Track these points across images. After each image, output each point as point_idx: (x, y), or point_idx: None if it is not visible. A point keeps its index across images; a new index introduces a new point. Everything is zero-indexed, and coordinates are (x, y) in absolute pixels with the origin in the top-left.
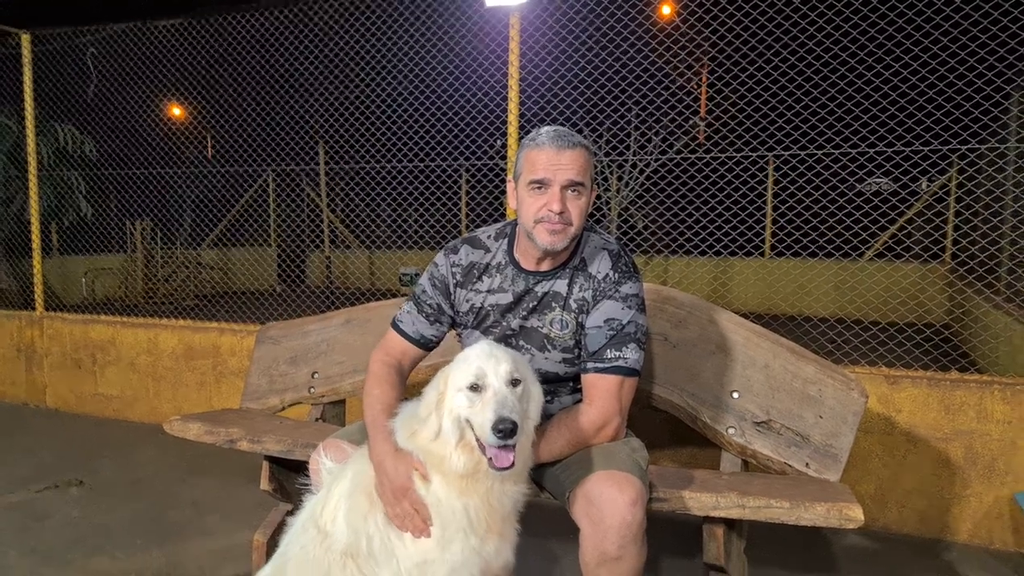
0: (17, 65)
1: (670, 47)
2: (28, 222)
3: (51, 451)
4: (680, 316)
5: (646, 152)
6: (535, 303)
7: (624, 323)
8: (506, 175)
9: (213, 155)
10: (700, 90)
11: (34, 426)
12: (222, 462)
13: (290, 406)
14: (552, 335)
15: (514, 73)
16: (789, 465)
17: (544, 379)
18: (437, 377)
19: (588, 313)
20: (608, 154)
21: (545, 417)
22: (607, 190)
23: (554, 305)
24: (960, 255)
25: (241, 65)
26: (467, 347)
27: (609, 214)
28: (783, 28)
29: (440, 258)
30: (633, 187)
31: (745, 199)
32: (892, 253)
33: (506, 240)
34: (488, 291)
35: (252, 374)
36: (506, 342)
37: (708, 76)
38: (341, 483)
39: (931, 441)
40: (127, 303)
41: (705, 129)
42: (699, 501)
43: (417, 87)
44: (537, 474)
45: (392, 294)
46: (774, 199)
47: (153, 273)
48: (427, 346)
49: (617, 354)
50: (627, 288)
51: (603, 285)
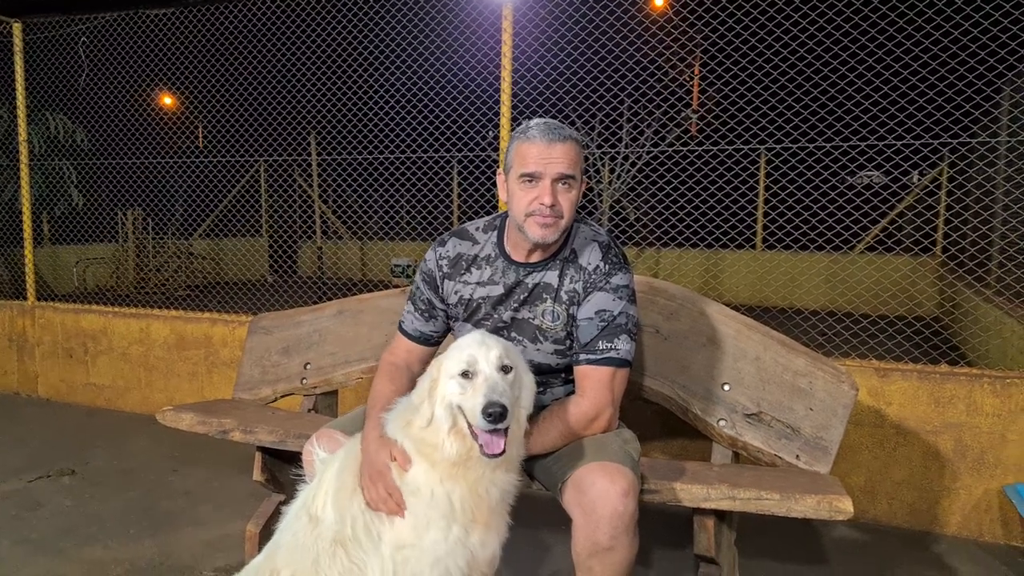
0: (8, 54)
1: (662, 39)
2: (19, 212)
3: (43, 441)
4: (671, 308)
5: (638, 144)
6: (526, 295)
7: (615, 314)
8: (499, 167)
9: (204, 145)
10: (692, 83)
11: (26, 416)
12: (214, 452)
13: (282, 397)
14: (544, 326)
15: (507, 64)
16: (779, 457)
17: (537, 370)
18: (431, 366)
19: (579, 305)
20: (600, 146)
21: (538, 408)
22: (599, 182)
23: (545, 296)
24: (951, 248)
25: (232, 55)
26: (458, 337)
27: (601, 206)
28: (775, 21)
29: (428, 253)
30: (625, 179)
31: (737, 192)
32: (883, 246)
33: (495, 232)
34: (478, 283)
35: (244, 364)
36: (498, 334)
37: (700, 69)
38: (332, 468)
39: (921, 434)
40: (118, 293)
41: (697, 122)
42: (690, 493)
43: (410, 78)
44: (529, 465)
45: (384, 285)
46: (766, 192)
47: (144, 263)
48: (428, 342)
49: (609, 345)
50: (617, 279)
51: (594, 277)
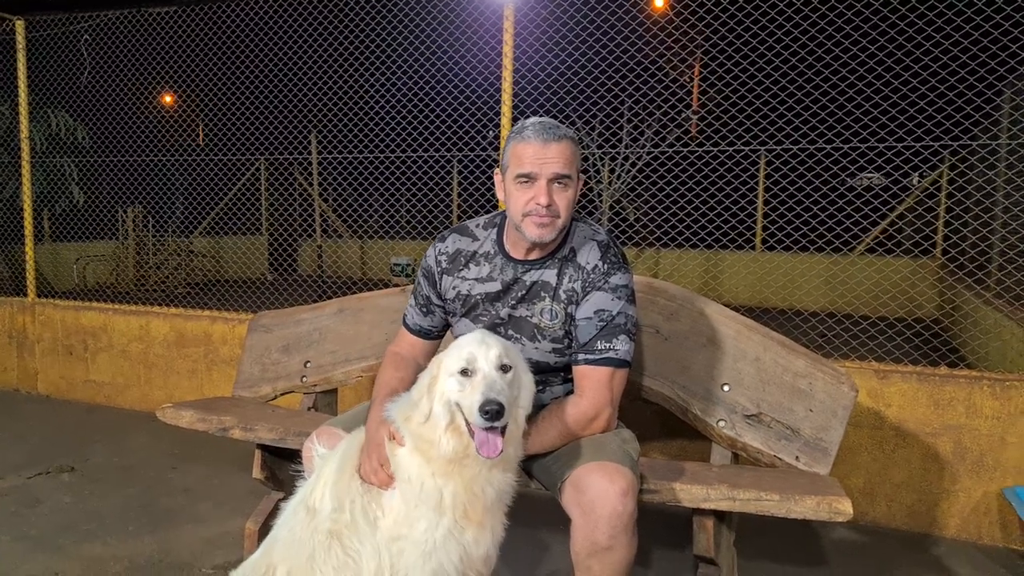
0: (11, 51)
1: (663, 40)
2: (20, 209)
3: (42, 437)
4: (672, 309)
5: (638, 145)
6: (524, 292)
7: (614, 314)
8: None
9: (205, 143)
10: (692, 84)
11: (25, 412)
12: (214, 450)
13: (282, 395)
14: (542, 325)
15: (508, 64)
16: (779, 458)
17: (535, 369)
18: (432, 363)
19: (578, 304)
20: (601, 146)
21: (537, 407)
22: (599, 182)
23: (543, 295)
24: (951, 251)
25: (233, 53)
26: (458, 335)
27: (601, 206)
28: (776, 23)
29: (429, 249)
30: (625, 180)
31: (737, 193)
32: (883, 248)
33: (495, 230)
34: (476, 279)
35: (244, 362)
36: (495, 331)
37: (700, 70)
38: (331, 462)
39: (920, 436)
40: (118, 290)
41: (698, 123)
42: (689, 493)
43: (411, 77)
44: (528, 464)
45: (384, 284)
46: (765, 193)
47: (144, 260)
48: (429, 336)
49: (607, 345)
50: (616, 279)
51: (592, 276)
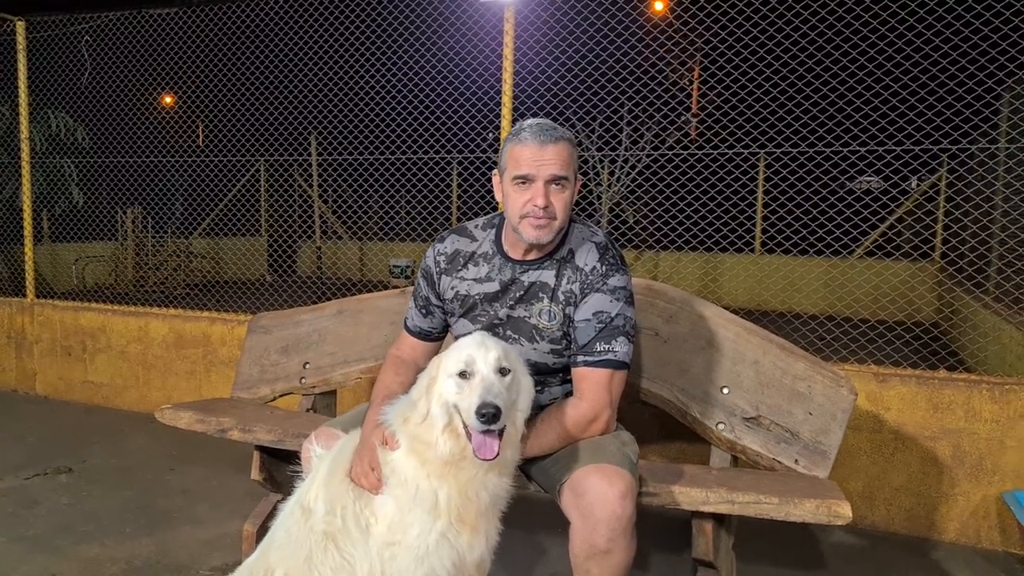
0: (11, 52)
1: (663, 43)
2: (20, 209)
3: (40, 438)
4: (671, 311)
5: (638, 147)
6: (522, 292)
7: (613, 316)
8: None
9: (204, 144)
10: (692, 86)
11: (23, 413)
12: (212, 451)
13: (281, 396)
14: (540, 326)
15: (508, 67)
16: (778, 461)
17: (534, 370)
18: (431, 364)
19: (576, 306)
20: (600, 149)
21: (536, 408)
22: (599, 184)
23: (541, 295)
24: (950, 254)
25: (234, 54)
26: (457, 335)
27: (601, 208)
28: (776, 26)
29: (428, 250)
30: (625, 182)
31: (736, 195)
32: (882, 251)
33: (494, 230)
34: (474, 279)
35: (243, 363)
36: (494, 331)
37: (700, 72)
38: (326, 461)
39: (919, 439)
40: (117, 291)
41: (697, 125)
42: (688, 496)
43: (411, 79)
44: (527, 467)
45: (383, 286)
46: (765, 196)
47: (143, 261)
48: (429, 338)
49: (606, 347)
50: (615, 281)
51: (591, 278)
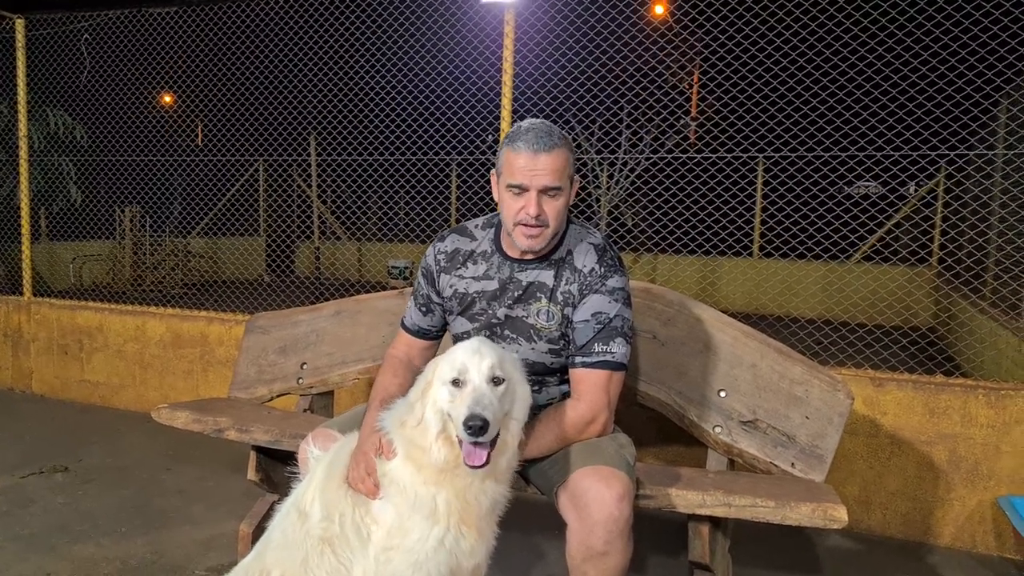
0: (10, 49)
1: (663, 47)
2: (17, 207)
3: (36, 437)
4: (669, 314)
5: (637, 150)
6: (520, 292)
7: (611, 317)
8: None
9: (203, 143)
10: (691, 90)
11: (19, 411)
12: (209, 451)
13: (278, 396)
14: (538, 326)
15: (508, 69)
16: (775, 465)
17: (532, 370)
18: (427, 367)
19: (574, 307)
20: (599, 152)
21: (534, 408)
22: (598, 187)
23: (539, 296)
24: (947, 259)
25: (233, 54)
26: (454, 334)
27: (599, 211)
28: (776, 31)
29: (429, 249)
30: (623, 185)
31: (735, 199)
32: (880, 256)
33: (493, 230)
34: (473, 278)
35: (241, 363)
36: (492, 330)
37: (700, 76)
38: (322, 464)
39: (915, 444)
40: (114, 290)
41: (696, 129)
42: (685, 499)
43: (411, 81)
44: (524, 469)
45: (381, 286)
46: (763, 200)
47: (141, 261)
48: (427, 336)
49: (605, 348)
50: (613, 282)
51: (589, 279)
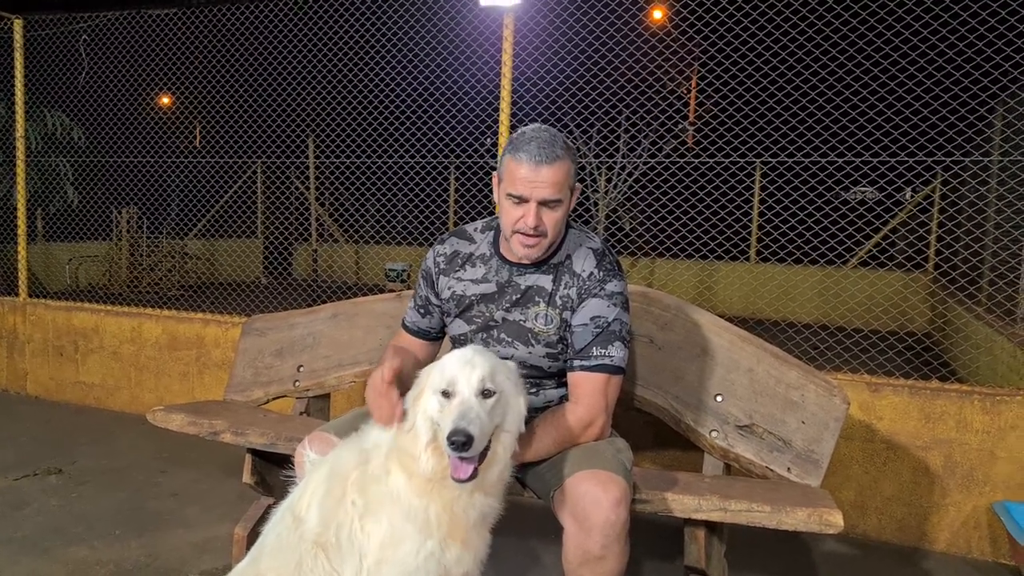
0: (8, 50)
1: (661, 52)
2: (14, 208)
3: (30, 439)
4: (666, 319)
5: (635, 155)
6: (518, 295)
7: (609, 321)
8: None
9: (201, 145)
10: (689, 95)
11: (13, 413)
12: (204, 454)
13: (274, 399)
14: (536, 330)
15: (507, 73)
16: (771, 469)
17: (529, 373)
18: (421, 374)
19: (573, 311)
20: (598, 156)
21: (531, 411)
22: (596, 191)
23: (538, 300)
24: (943, 265)
25: (232, 56)
26: (451, 336)
27: (597, 215)
28: (773, 37)
29: (428, 252)
30: (621, 189)
31: (732, 204)
32: (876, 261)
33: (492, 233)
34: (472, 280)
35: (237, 366)
36: (488, 333)
37: (698, 81)
38: (320, 470)
39: (911, 449)
40: (111, 291)
41: (694, 134)
42: (681, 503)
43: (410, 84)
44: (521, 473)
45: (379, 289)
46: (760, 205)
47: (138, 262)
48: (427, 337)
49: (603, 352)
50: (612, 286)
51: (588, 283)
